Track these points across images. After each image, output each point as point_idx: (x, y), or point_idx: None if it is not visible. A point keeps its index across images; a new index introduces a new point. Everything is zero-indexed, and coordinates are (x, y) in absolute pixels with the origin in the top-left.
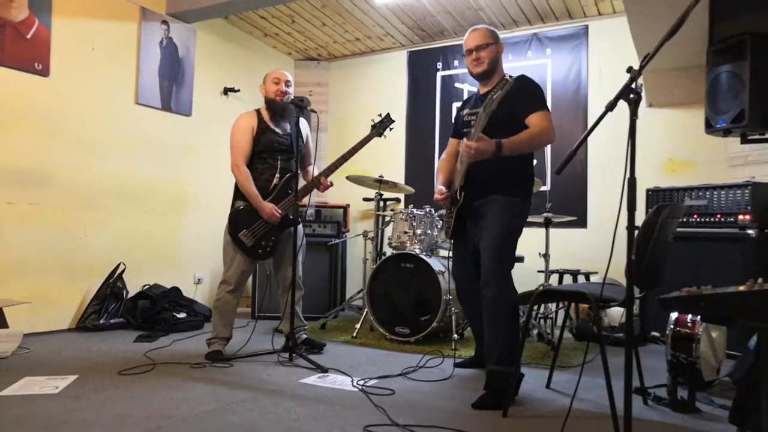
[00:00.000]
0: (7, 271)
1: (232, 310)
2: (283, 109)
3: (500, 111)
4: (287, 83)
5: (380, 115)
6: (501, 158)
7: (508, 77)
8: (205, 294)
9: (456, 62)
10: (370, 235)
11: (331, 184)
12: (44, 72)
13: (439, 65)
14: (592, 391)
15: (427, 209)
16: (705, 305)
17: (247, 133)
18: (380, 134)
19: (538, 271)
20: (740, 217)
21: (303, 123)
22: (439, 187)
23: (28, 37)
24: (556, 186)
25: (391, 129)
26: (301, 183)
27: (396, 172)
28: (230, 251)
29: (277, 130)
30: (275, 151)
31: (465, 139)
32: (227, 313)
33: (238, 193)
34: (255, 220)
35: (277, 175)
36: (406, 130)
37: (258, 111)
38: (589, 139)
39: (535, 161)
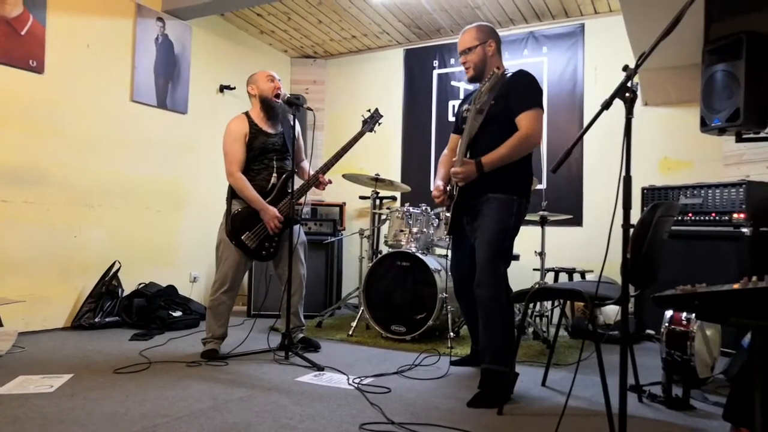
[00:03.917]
0: (1, 270)
1: (227, 311)
2: (282, 108)
3: (496, 107)
4: (279, 80)
5: (369, 110)
6: None
7: (495, 68)
8: (201, 292)
9: (452, 60)
10: (366, 233)
11: (330, 182)
12: (39, 69)
13: (436, 63)
14: (587, 388)
15: (424, 207)
16: (699, 303)
17: (240, 140)
18: (371, 129)
19: (534, 270)
20: (735, 215)
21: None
22: (437, 183)
23: (23, 33)
24: (551, 184)
25: (379, 124)
26: (297, 180)
27: (392, 171)
28: (224, 251)
29: (270, 130)
30: (269, 152)
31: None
32: (222, 314)
33: (234, 194)
34: (257, 222)
35: (274, 174)
36: (403, 129)
37: (247, 114)
38: (585, 137)
39: None
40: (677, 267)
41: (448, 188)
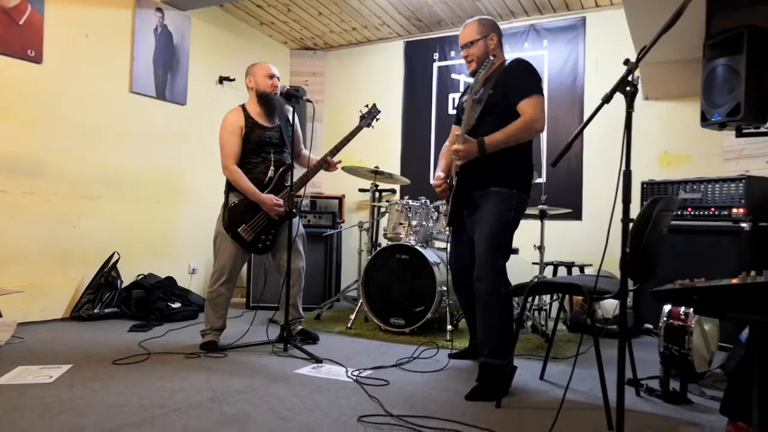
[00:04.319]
0: (0, 260)
1: (226, 302)
2: (280, 102)
3: (494, 96)
4: (278, 78)
5: (367, 105)
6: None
7: (491, 57)
8: (200, 284)
9: (453, 53)
10: (366, 226)
11: (340, 162)
12: (37, 59)
13: (436, 56)
14: (585, 382)
15: (423, 200)
16: (698, 298)
17: (236, 133)
18: (368, 125)
19: (533, 263)
20: (734, 210)
21: (289, 109)
22: (438, 173)
23: (21, 23)
24: (551, 178)
25: (377, 119)
26: (297, 171)
27: (392, 163)
28: (221, 243)
29: (266, 124)
30: (266, 145)
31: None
32: (220, 306)
33: (231, 186)
34: (253, 214)
35: (272, 167)
36: (402, 121)
37: (243, 107)
38: (585, 131)
39: None
40: (676, 261)
41: (449, 180)
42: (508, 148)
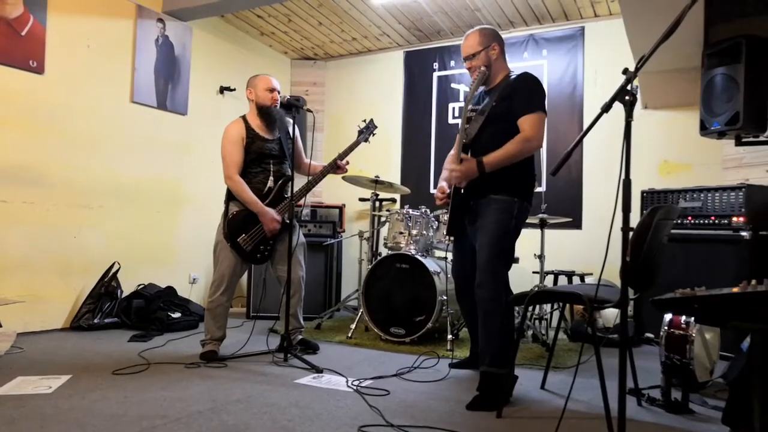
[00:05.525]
0: (0, 270)
1: (225, 312)
2: (280, 115)
3: (498, 108)
4: (279, 91)
5: (365, 120)
6: None
7: (483, 67)
8: (200, 294)
9: (452, 63)
10: (366, 235)
11: (347, 163)
12: (39, 69)
13: (436, 65)
14: (586, 391)
15: (423, 210)
16: (699, 307)
17: (238, 144)
18: (366, 140)
19: (533, 272)
20: (734, 219)
21: (289, 122)
22: (441, 184)
23: (23, 33)
24: (551, 187)
25: (374, 134)
26: (299, 181)
27: (392, 173)
28: (221, 252)
29: (267, 136)
30: (267, 156)
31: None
32: (220, 315)
33: (231, 196)
34: (253, 224)
35: (271, 177)
36: (403, 130)
37: (245, 119)
38: (585, 140)
39: None
40: (676, 270)
41: (450, 190)
42: None
